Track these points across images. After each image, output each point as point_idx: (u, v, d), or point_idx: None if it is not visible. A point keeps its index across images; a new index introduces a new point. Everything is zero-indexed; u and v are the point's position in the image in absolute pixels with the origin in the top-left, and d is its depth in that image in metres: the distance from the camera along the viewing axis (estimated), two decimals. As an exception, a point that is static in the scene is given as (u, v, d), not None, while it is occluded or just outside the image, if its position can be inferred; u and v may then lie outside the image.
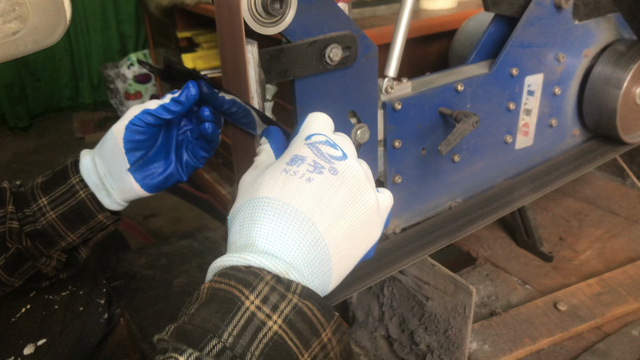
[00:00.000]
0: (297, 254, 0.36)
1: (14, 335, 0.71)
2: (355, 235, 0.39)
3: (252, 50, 0.51)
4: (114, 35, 3.21)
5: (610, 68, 0.87)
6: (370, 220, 0.40)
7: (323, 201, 0.37)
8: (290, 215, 0.37)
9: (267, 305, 0.33)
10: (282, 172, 0.39)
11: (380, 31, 1.31)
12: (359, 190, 0.39)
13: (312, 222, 0.37)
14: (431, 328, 0.73)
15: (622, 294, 0.82)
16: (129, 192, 0.68)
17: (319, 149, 0.39)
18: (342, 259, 0.38)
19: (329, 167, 0.39)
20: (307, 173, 0.38)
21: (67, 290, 0.79)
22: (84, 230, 0.70)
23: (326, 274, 0.37)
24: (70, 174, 0.68)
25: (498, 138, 0.83)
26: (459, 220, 0.79)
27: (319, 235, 0.37)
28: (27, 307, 0.75)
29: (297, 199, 0.37)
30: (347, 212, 0.38)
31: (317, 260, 0.37)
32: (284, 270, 0.35)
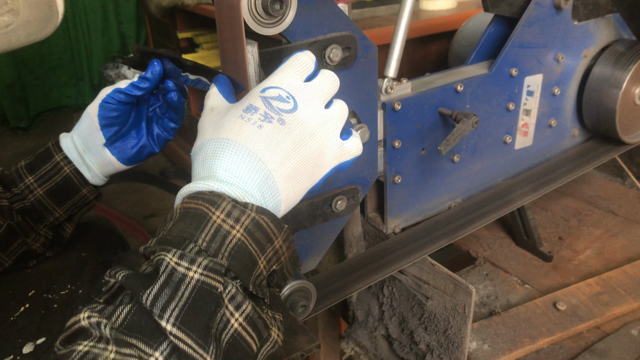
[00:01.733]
0: (251, 184, 0.44)
1: (13, 334, 0.71)
2: (299, 174, 0.46)
3: (252, 50, 0.52)
4: (115, 36, 3.21)
5: (609, 68, 0.88)
6: (313, 162, 0.47)
7: (272, 145, 0.44)
8: (245, 154, 0.44)
9: (230, 218, 0.41)
10: (238, 118, 0.45)
11: (380, 32, 1.32)
12: (302, 139, 0.46)
13: (263, 161, 0.44)
14: (431, 327, 0.73)
15: (622, 294, 0.82)
16: (107, 165, 0.76)
17: (270, 103, 0.46)
18: (288, 191, 0.46)
19: (278, 118, 0.45)
20: (259, 121, 0.45)
21: (67, 289, 0.79)
22: (70, 205, 0.77)
23: (276, 202, 0.45)
24: (54, 152, 0.75)
25: (497, 138, 0.83)
26: (458, 220, 0.79)
27: (268, 172, 0.44)
28: (26, 306, 0.75)
29: (250, 141, 0.44)
30: (292, 156, 0.45)
31: (268, 191, 0.44)
32: (241, 194, 0.43)
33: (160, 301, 0.36)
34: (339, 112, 0.50)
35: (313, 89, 0.49)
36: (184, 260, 0.38)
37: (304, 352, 0.58)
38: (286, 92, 0.47)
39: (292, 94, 0.47)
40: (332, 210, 0.67)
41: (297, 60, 0.50)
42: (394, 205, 0.76)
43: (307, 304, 0.64)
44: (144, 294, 0.36)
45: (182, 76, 0.69)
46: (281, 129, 0.45)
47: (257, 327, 0.40)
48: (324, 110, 0.49)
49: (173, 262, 0.37)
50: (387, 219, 0.76)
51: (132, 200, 2.31)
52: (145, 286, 0.36)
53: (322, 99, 0.49)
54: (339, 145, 0.49)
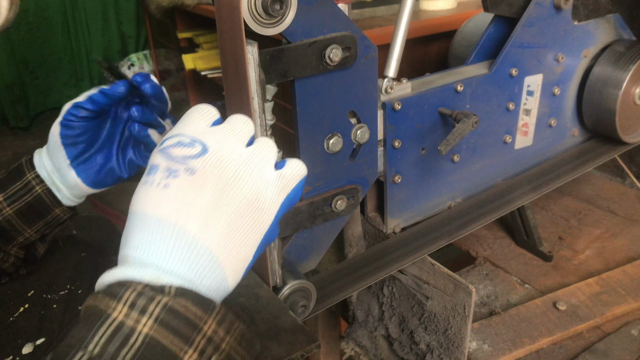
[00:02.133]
0: (170, 259, 0.36)
1: (13, 335, 0.71)
2: (238, 226, 0.38)
3: (252, 50, 0.52)
4: (115, 36, 3.21)
5: (609, 68, 0.88)
6: (252, 207, 0.39)
7: (186, 204, 0.37)
8: (155, 225, 0.37)
9: (134, 310, 0.33)
10: (142, 185, 0.39)
11: (380, 32, 1.31)
12: (227, 182, 0.38)
13: (180, 227, 0.36)
14: (431, 327, 0.73)
15: (622, 294, 0.82)
16: (75, 187, 0.71)
17: (169, 154, 0.39)
18: (231, 252, 0.38)
19: (184, 167, 0.38)
20: (163, 180, 0.38)
21: (66, 289, 0.79)
22: (41, 225, 0.72)
23: (216, 271, 0.37)
24: (26, 170, 0.70)
25: (497, 138, 0.83)
26: (458, 220, 0.79)
27: (192, 238, 0.36)
28: (26, 306, 0.75)
29: (157, 207, 0.37)
30: (220, 207, 0.38)
31: (199, 262, 0.36)
32: (154, 276, 0.35)
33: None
34: (265, 146, 0.43)
35: (223, 130, 0.42)
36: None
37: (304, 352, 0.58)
38: (189, 137, 0.40)
39: (197, 138, 0.40)
40: (332, 210, 0.67)
41: (198, 108, 0.44)
42: (394, 205, 0.76)
43: (307, 304, 0.64)
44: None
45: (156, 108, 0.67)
46: (193, 179, 0.38)
47: None
48: (244, 148, 0.42)
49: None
50: (387, 219, 0.76)
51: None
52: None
53: (238, 138, 0.42)
54: (277, 177, 0.42)
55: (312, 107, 0.61)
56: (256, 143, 0.43)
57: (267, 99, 0.60)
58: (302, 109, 0.60)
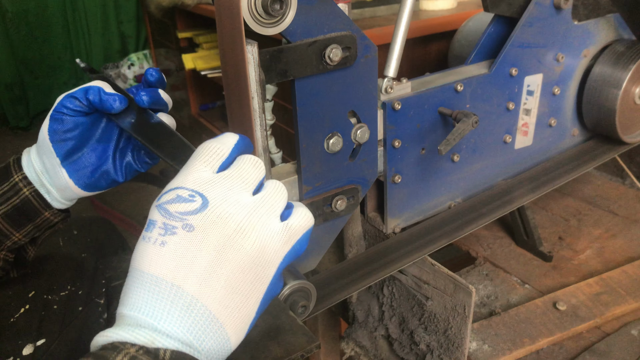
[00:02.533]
0: (169, 320, 0.34)
1: (13, 336, 0.71)
2: (239, 284, 0.37)
3: (252, 50, 0.52)
4: (115, 36, 3.21)
5: (609, 68, 0.88)
6: (253, 263, 0.37)
7: (184, 262, 0.35)
8: (152, 284, 0.35)
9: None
10: (141, 241, 0.38)
11: (380, 31, 1.31)
12: (228, 238, 0.37)
13: (178, 286, 0.35)
14: (431, 328, 0.73)
15: (622, 294, 0.82)
16: (65, 189, 0.66)
17: (166, 209, 0.37)
18: (233, 311, 0.36)
19: (182, 224, 0.37)
20: (160, 237, 0.36)
21: (66, 290, 0.79)
22: (31, 228, 0.68)
23: (217, 332, 0.36)
24: (13, 171, 0.66)
25: (497, 138, 0.83)
26: (458, 220, 0.79)
27: (191, 298, 0.35)
28: (26, 307, 0.75)
29: (154, 265, 0.36)
30: (219, 266, 0.36)
31: (198, 323, 0.35)
32: (149, 339, 0.33)
33: None
34: (273, 193, 0.41)
35: (228, 178, 0.40)
36: None
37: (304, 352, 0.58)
38: (188, 190, 0.38)
39: (197, 191, 0.38)
40: (332, 210, 0.67)
41: (204, 150, 0.41)
42: (394, 205, 0.76)
43: (307, 304, 0.63)
44: None
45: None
46: (191, 237, 0.36)
47: None
48: (250, 198, 0.40)
49: None
50: (387, 219, 0.76)
51: (132, 200, 2.31)
52: None
53: (244, 186, 0.40)
54: (282, 229, 0.40)
55: (312, 107, 0.61)
56: (264, 189, 0.41)
57: (267, 98, 0.60)
58: (302, 109, 0.60)
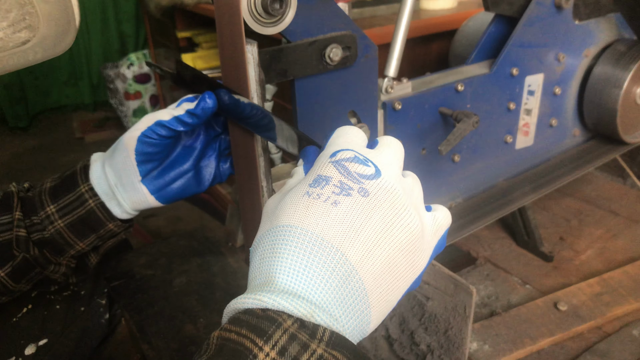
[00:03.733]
0: (325, 291, 0.31)
1: (15, 335, 0.71)
2: (395, 265, 0.34)
3: (252, 50, 0.51)
4: (114, 35, 3.20)
5: (610, 68, 0.87)
6: (413, 247, 0.35)
7: (353, 228, 0.32)
8: (315, 245, 0.32)
9: (284, 358, 0.28)
10: (304, 195, 0.34)
11: (380, 31, 1.31)
12: (396, 214, 0.34)
13: (342, 253, 0.32)
14: (431, 328, 0.73)
15: (623, 294, 0.82)
16: (142, 203, 0.65)
17: (346, 167, 0.35)
18: (381, 294, 0.33)
19: (358, 187, 0.34)
20: (333, 195, 0.33)
21: (69, 290, 0.79)
22: (94, 238, 0.67)
23: (363, 313, 0.32)
24: (80, 181, 0.65)
25: (498, 138, 0.83)
26: (459, 220, 0.79)
27: (351, 268, 0.32)
28: (29, 307, 0.75)
29: (322, 225, 0.32)
30: (384, 240, 0.33)
31: (350, 298, 0.32)
32: (308, 312, 0.30)
33: None
34: (417, 181, 0.39)
35: (387, 152, 0.38)
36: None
37: (305, 353, 0.58)
38: (361, 155, 0.36)
39: (369, 158, 0.36)
40: (333, 211, 0.67)
41: (351, 129, 0.40)
42: (395, 205, 0.76)
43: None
44: None
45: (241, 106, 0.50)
46: (364, 202, 0.33)
47: None
48: (405, 178, 0.38)
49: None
50: (388, 219, 0.76)
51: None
52: None
53: (399, 163, 0.38)
54: (432, 219, 0.38)
55: (312, 107, 0.60)
56: (408, 175, 0.39)
57: (267, 98, 0.59)
58: (302, 109, 0.60)
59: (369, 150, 0.38)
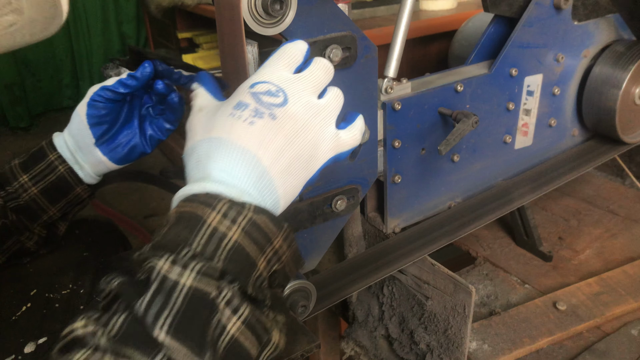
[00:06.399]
0: (247, 182, 0.43)
1: (15, 334, 0.71)
2: (294, 168, 0.45)
3: (252, 50, 0.52)
4: (115, 36, 3.21)
5: (609, 68, 0.88)
6: (307, 155, 0.46)
7: (265, 141, 0.44)
8: (239, 152, 0.43)
9: (227, 219, 0.39)
10: (229, 116, 0.44)
11: (380, 32, 1.32)
12: (295, 133, 0.45)
13: (258, 158, 0.43)
14: (431, 327, 0.73)
15: (621, 294, 0.82)
16: (99, 164, 0.76)
17: (260, 98, 0.45)
18: (285, 187, 0.45)
19: (269, 113, 0.44)
20: (250, 117, 0.44)
21: (68, 288, 0.79)
22: (64, 203, 0.77)
23: (274, 199, 0.45)
24: (48, 152, 0.75)
25: (497, 138, 0.84)
26: (458, 220, 0.79)
27: (264, 169, 0.43)
28: (28, 305, 0.76)
29: (244, 138, 0.43)
30: (286, 150, 0.45)
31: (265, 188, 0.44)
32: (238, 194, 0.42)
33: (153, 310, 0.35)
34: (334, 100, 0.49)
35: (303, 80, 0.48)
36: (177, 265, 0.37)
37: (304, 352, 0.58)
38: (275, 86, 0.46)
39: (281, 87, 0.46)
40: (332, 210, 0.67)
41: (286, 52, 0.49)
42: (394, 205, 0.76)
43: (307, 304, 0.64)
44: (136, 303, 0.35)
45: (175, 73, 0.70)
46: (273, 124, 0.44)
47: (256, 331, 0.39)
48: (316, 100, 0.48)
49: (165, 268, 0.37)
50: (387, 219, 0.76)
51: (132, 200, 2.31)
52: (139, 294, 0.36)
53: (314, 89, 0.48)
54: (334, 136, 0.48)
55: (312, 107, 0.61)
56: (327, 95, 0.49)
57: (267, 99, 0.59)
58: (302, 109, 0.60)
59: (288, 77, 0.47)
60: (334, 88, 0.50)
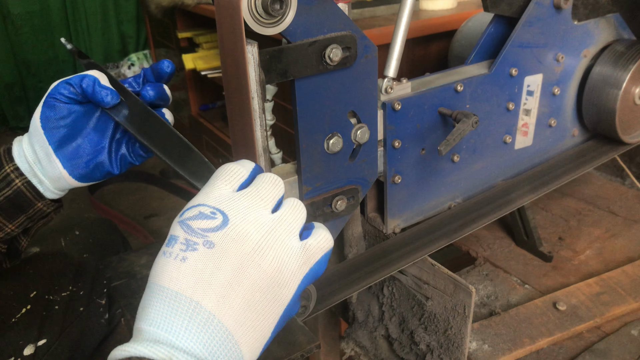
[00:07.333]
0: (186, 336, 0.35)
1: (14, 336, 0.71)
2: (256, 303, 0.37)
3: (252, 50, 0.52)
4: (115, 36, 3.21)
5: (609, 68, 0.88)
6: (272, 281, 0.38)
7: (203, 278, 0.36)
8: (171, 299, 0.36)
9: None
10: (161, 256, 0.38)
11: (380, 31, 1.31)
12: (246, 257, 0.37)
13: (196, 302, 0.35)
14: (431, 328, 0.73)
15: (621, 294, 0.82)
16: (59, 179, 0.65)
17: (189, 226, 0.38)
18: (248, 330, 0.37)
19: (203, 241, 0.37)
20: (181, 252, 0.37)
21: (68, 290, 0.79)
22: (24, 219, 0.67)
23: (231, 350, 0.36)
24: (4, 162, 0.65)
25: (497, 138, 0.83)
26: (458, 220, 0.79)
27: (208, 314, 0.35)
28: (28, 307, 0.75)
29: (174, 281, 0.36)
30: (238, 283, 0.36)
31: (214, 339, 0.35)
32: (167, 355, 0.33)
33: None
34: (292, 212, 0.41)
35: (249, 196, 0.40)
36: None
37: (304, 352, 0.58)
38: (210, 208, 0.39)
39: (219, 208, 0.39)
40: (332, 211, 0.67)
41: (225, 170, 0.42)
42: (394, 205, 0.76)
43: (307, 305, 0.64)
44: None
45: None
46: (211, 253, 0.37)
47: None
48: (269, 216, 0.40)
49: None
50: (387, 219, 0.76)
51: (132, 200, 2.31)
52: None
53: (264, 204, 0.41)
54: (301, 249, 0.40)
55: (312, 107, 0.61)
56: (283, 207, 0.41)
57: (267, 99, 0.60)
58: (302, 109, 0.60)
59: (229, 195, 0.40)
60: (291, 199, 0.43)
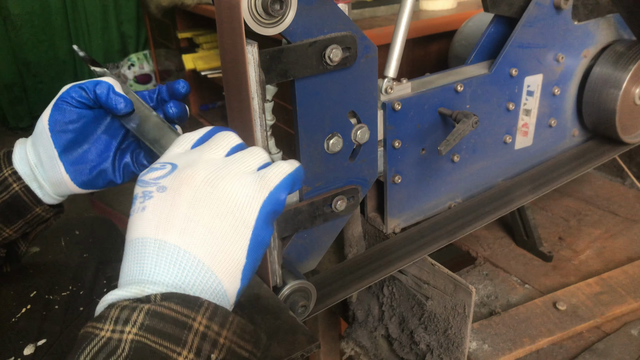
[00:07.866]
0: (156, 271, 0.37)
1: (14, 336, 0.71)
2: (218, 229, 0.39)
3: (252, 50, 0.52)
4: (115, 36, 3.21)
5: (609, 68, 0.88)
6: (229, 208, 0.39)
7: (162, 218, 0.38)
8: (138, 246, 0.38)
9: (118, 324, 0.34)
10: (130, 217, 0.41)
11: (380, 32, 1.32)
12: (198, 190, 0.39)
13: (161, 240, 0.38)
14: (431, 327, 0.73)
15: (622, 294, 0.82)
16: (60, 184, 0.64)
17: (143, 180, 0.41)
18: (218, 255, 0.38)
19: (156, 187, 0.40)
20: (140, 205, 0.40)
21: (68, 290, 0.79)
22: (21, 224, 0.66)
23: (205, 275, 0.38)
24: (3, 166, 0.64)
25: (497, 138, 0.84)
26: (458, 220, 0.79)
27: (174, 247, 0.37)
28: (27, 307, 0.75)
29: (140, 229, 0.39)
30: (196, 214, 0.39)
31: (185, 269, 0.37)
32: (138, 290, 0.36)
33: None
34: (247, 152, 0.43)
35: (200, 148, 0.43)
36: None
37: (304, 352, 0.58)
38: (160, 163, 0.42)
39: (169, 161, 0.42)
40: (332, 210, 0.67)
41: (180, 137, 0.46)
42: (394, 205, 0.76)
43: (307, 304, 0.64)
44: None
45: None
46: (165, 196, 0.39)
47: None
48: (221, 157, 0.43)
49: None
50: (387, 219, 0.76)
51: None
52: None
53: (219, 149, 0.43)
54: (255, 177, 0.41)
55: (312, 107, 0.61)
56: (240, 152, 0.43)
57: (267, 99, 0.60)
58: (302, 109, 0.60)
59: (183, 151, 0.44)
60: (254, 147, 0.44)
